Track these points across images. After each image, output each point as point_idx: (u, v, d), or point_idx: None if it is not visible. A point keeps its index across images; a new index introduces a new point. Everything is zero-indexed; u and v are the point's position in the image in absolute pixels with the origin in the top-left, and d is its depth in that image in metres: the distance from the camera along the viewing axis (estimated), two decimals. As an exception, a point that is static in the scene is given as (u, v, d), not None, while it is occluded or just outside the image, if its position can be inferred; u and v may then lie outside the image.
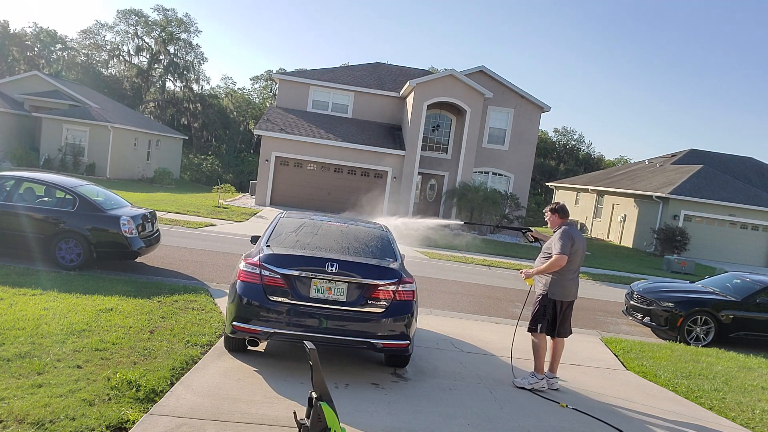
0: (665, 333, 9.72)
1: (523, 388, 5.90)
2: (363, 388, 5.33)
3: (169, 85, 55.21)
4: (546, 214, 6.20)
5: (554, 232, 6.07)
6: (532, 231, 6.69)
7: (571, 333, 6.21)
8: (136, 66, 53.78)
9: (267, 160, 23.63)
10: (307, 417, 3.57)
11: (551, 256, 5.89)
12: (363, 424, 4.54)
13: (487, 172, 25.91)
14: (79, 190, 9.10)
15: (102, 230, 8.83)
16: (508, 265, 15.99)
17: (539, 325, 5.96)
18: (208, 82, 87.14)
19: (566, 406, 5.57)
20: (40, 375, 4.63)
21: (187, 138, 43.19)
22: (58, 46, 54.76)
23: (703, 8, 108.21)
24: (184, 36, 53.89)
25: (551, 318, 5.96)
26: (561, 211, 6.10)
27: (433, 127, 25.39)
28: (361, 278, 5.37)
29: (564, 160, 60.44)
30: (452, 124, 25.44)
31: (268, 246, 5.68)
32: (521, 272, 6.21)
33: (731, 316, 9.49)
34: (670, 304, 9.58)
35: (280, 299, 5.28)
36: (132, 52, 53.88)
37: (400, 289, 5.46)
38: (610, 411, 5.62)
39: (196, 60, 54.80)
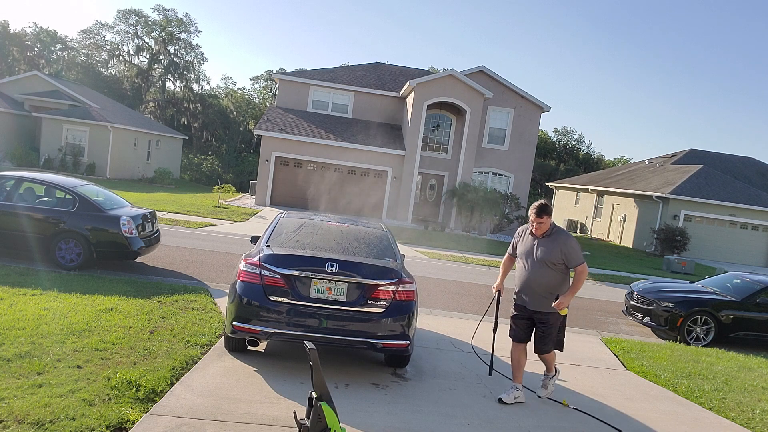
0: (665, 333, 9.72)
1: (549, 398, 5.66)
2: (363, 388, 5.33)
3: (169, 85, 55.28)
4: (538, 218, 5.26)
5: (544, 236, 5.31)
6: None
7: None
8: (136, 66, 53.78)
9: (267, 160, 23.64)
10: (307, 417, 3.57)
11: (558, 267, 5.25)
12: (363, 424, 4.54)
13: (487, 172, 25.92)
14: (79, 190, 9.10)
15: (102, 230, 8.83)
16: (508, 265, 15.97)
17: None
18: (208, 82, 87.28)
19: (567, 405, 5.56)
20: (40, 375, 4.63)
21: (187, 138, 43.20)
22: (58, 46, 54.77)
23: (703, 8, 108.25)
24: (184, 36, 53.94)
25: None
26: (551, 213, 5.37)
27: (433, 127, 25.40)
28: (361, 278, 5.37)
29: (564, 160, 60.44)
30: (452, 124, 25.44)
31: (268, 246, 5.68)
32: (556, 305, 5.17)
33: (731, 316, 9.49)
34: (670, 304, 9.58)
35: (280, 299, 5.28)
36: (132, 52, 53.91)
37: (400, 289, 5.45)
38: (610, 411, 5.62)
39: (196, 60, 54.84)
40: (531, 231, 5.40)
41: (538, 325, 5.43)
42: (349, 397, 5.05)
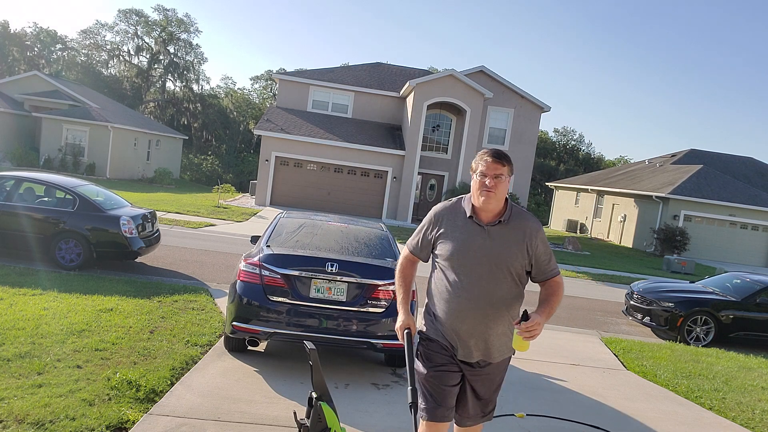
0: (665, 333, 9.72)
1: None
2: (363, 388, 5.33)
3: (169, 85, 55.28)
4: (496, 165, 2.85)
5: (500, 221, 2.91)
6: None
7: None
8: (136, 66, 53.78)
9: (267, 160, 23.64)
10: (307, 417, 3.57)
11: (521, 278, 2.98)
12: (363, 424, 4.54)
13: (487, 172, 25.91)
14: (79, 190, 9.10)
15: (102, 230, 8.83)
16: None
17: None
18: (208, 82, 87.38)
19: (524, 415, 5.31)
20: (40, 375, 4.63)
21: (187, 138, 43.20)
22: (58, 46, 54.76)
23: (703, 8, 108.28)
24: (184, 36, 53.92)
25: None
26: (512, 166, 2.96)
27: (433, 127, 25.40)
28: (361, 278, 5.37)
29: (564, 160, 60.44)
30: (452, 124, 25.45)
31: (268, 246, 5.68)
32: (526, 333, 2.73)
33: (731, 316, 9.49)
34: (670, 304, 9.58)
35: (280, 299, 5.28)
36: (132, 52, 53.91)
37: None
38: (610, 411, 5.62)
39: (196, 60, 54.84)
40: (471, 212, 2.95)
41: (477, 381, 3.06)
42: (349, 397, 5.05)
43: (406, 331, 3.10)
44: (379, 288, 5.39)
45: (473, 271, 2.92)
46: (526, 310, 2.88)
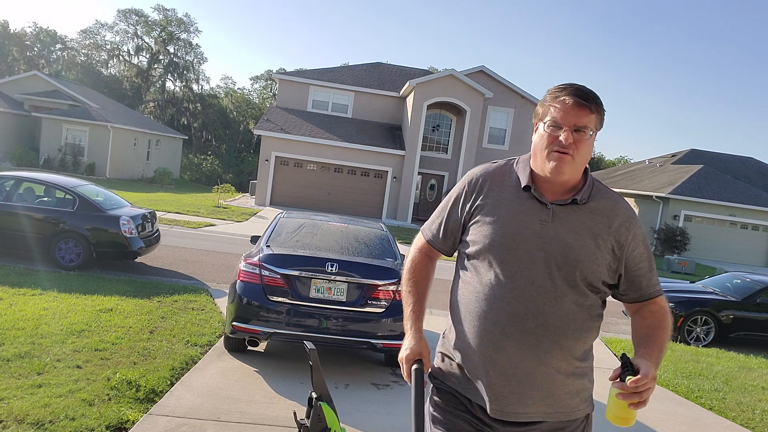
0: (665, 333, 9.71)
1: None
2: (363, 388, 5.32)
3: (169, 85, 55.28)
4: (574, 112, 1.81)
5: (574, 199, 1.91)
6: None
7: None
8: (136, 66, 53.77)
9: (267, 160, 23.64)
10: (307, 417, 3.56)
11: (600, 293, 1.94)
12: (363, 424, 4.54)
13: (487, 172, 25.94)
14: (79, 190, 9.10)
15: (102, 230, 8.83)
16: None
17: None
18: (208, 82, 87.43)
19: None
20: (39, 375, 4.62)
21: (187, 138, 43.20)
22: (58, 46, 54.77)
23: (703, 8, 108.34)
24: (183, 36, 53.93)
25: None
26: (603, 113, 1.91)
27: (433, 127, 25.40)
28: (361, 278, 5.37)
29: (564, 160, 60.39)
30: (452, 124, 25.45)
31: (268, 246, 5.67)
32: (634, 397, 1.82)
33: (731, 316, 9.48)
34: (670, 304, 9.51)
35: (280, 299, 5.28)
36: (132, 52, 53.92)
37: (400, 289, 5.45)
38: (610, 411, 5.61)
39: (196, 60, 54.85)
40: (529, 182, 1.94)
41: None
42: (349, 397, 5.04)
43: (414, 366, 1.93)
44: (379, 288, 5.39)
45: (522, 272, 1.83)
46: (626, 356, 1.84)
